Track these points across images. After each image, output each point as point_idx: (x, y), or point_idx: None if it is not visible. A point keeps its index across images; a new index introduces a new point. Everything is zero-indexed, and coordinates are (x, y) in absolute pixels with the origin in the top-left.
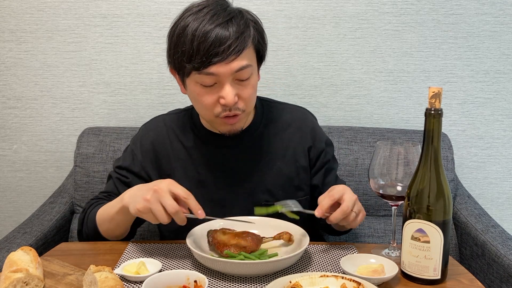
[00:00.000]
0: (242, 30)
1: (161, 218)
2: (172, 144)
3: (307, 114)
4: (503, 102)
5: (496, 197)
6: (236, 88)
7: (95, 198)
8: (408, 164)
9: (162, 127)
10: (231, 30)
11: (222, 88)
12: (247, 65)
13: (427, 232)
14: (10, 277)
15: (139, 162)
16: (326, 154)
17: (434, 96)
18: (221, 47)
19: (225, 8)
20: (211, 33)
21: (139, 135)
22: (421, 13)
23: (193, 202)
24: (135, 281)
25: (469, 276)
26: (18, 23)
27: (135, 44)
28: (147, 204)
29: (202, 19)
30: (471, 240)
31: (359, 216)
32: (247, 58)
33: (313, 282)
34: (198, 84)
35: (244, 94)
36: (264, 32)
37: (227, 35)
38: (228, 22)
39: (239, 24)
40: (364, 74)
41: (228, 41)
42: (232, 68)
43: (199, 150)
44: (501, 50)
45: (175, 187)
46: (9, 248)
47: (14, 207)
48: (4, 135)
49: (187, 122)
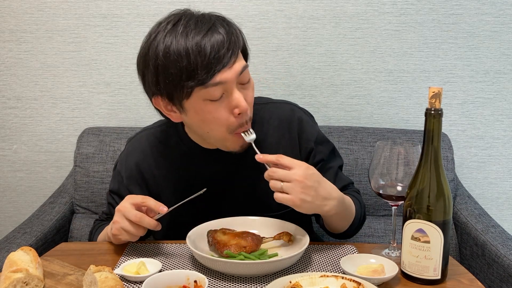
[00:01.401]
0: (229, 30)
1: (132, 231)
2: (158, 163)
3: (294, 111)
4: (503, 102)
5: (496, 197)
6: (242, 93)
7: (98, 220)
8: (408, 164)
9: (146, 146)
10: (222, 32)
11: (232, 96)
12: (247, 65)
13: (427, 232)
14: (10, 277)
15: (125, 186)
16: (316, 154)
17: (434, 96)
18: (220, 52)
19: (200, 16)
20: (204, 42)
21: (124, 153)
22: (421, 13)
23: (152, 202)
24: (135, 281)
25: (469, 276)
26: (18, 23)
27: (135, 44)
28: (117, 225)
29: (185, 32)
30: (471, 240)
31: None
32: (242, 59)
33: (313, 282)
34: (206, 100)
35: (249, 98)
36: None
37: (221, 38)
38: (213, 27)
39: (223, 25)
40: (364, 74)
41: (225, 44)
42: (236, 70)
43: (187, 167)
44: (501, 50)
45: (132, 199)
46: (9, 248)
47: (14, 207)
48: (4, 135)
49: (172, 136)
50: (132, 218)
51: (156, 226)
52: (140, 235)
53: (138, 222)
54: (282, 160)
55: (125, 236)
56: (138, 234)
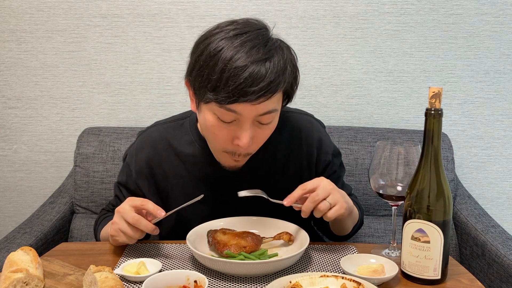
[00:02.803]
0: (278, 73)
1: (129, 233)
2: (169, 159)
3: (313, 123)
4: (503, 102)
5: (496, 197)
6: (254, 130)
7: (104, 210)
8: (408, 164)
9: (158, 141)
10: (268, 71)
11: (241, 128)
12: (273, 110)
13: (427, 232)
14: (10, 277)
15: (133, 180)
16: (333, 166)
17: (434, 96)
18: (252, 88)
19: (266, 41)
20: (245, 69)
21: (134, 147)
22: (421, 13)
23: (151, 205)
24: (135, 281)
25: (469, 276)
26: (18, 23)
27: (135, 44)
28: (115, 226)
29: (238, 49)
30: (471, 240)
31: (334, 207)
32: (275, 102)
33: (313, 282)
34: (215, 116)
35: (260, 138)
36: (298, 72)
37: (262, 76)
38: (267, 60)
39: (276, 65)
40: (364, 74)
41: (262, 83)
42: (258, 111)
43: (199, 166)
44: (501, 50)
45: (132, 201)
46: (9, 248)
47: (14, 207)
48: (4, 135)
49: (186, 133)
50: (130, 220)
51: (153, 230)
52: (137, 238)
53: (136, 224)
54: (306, 186)
55: (122, 238)
56: (135, 237)
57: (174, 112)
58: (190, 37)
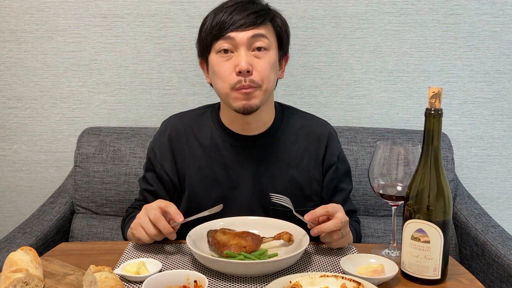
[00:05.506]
0: (261, 8)
1: (148, 229)
2: (189, 141)
3: (328, 127)
4: (503, 102)
5: (496, 197)
6: (251, 58)
7: (131, 207)
8: (408, 164)
9: (179, 124)
10: (251, 7)
11: (239, 55)
12: (263, 35)
13: (427, 232)
14: (10, 277)
15: (158, 161)
16: (337, 169)
17: (434, 96)
18: (239, 15)
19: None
20: (231, 4)
21: (158, 133)
22: (421, 13)
23: (173, 209)
24: (135, 281)
25: (469, 276)
26: (18, 23)
27: (135, 44)
28: (137, 221)
29: (226, 2)
30: (471, 240)
31: (343, 238)
32: (265, 31)
33: (313, 282)
34: (218, 54)
35: (259, 66)
36: (288, 27)
37: (246, 7)
38: (249, 2)
39: (259, 5)
40: (364, 74)
41: (247, 11)
42: (248, 34)
43: (216, 149)
44: (501, 50)
45: (160, 202)
46: (9, 248)
47: (14, 207)
48: (4, 135)
49: (206, 120)
50: (152, 217)
51: (171, 234)
52: (153, 237)
53: (155, 222)
54: (328, 209)
55: (139, 233)
56: (152, 234)
57: (174, 112)
58: (190, 37)
